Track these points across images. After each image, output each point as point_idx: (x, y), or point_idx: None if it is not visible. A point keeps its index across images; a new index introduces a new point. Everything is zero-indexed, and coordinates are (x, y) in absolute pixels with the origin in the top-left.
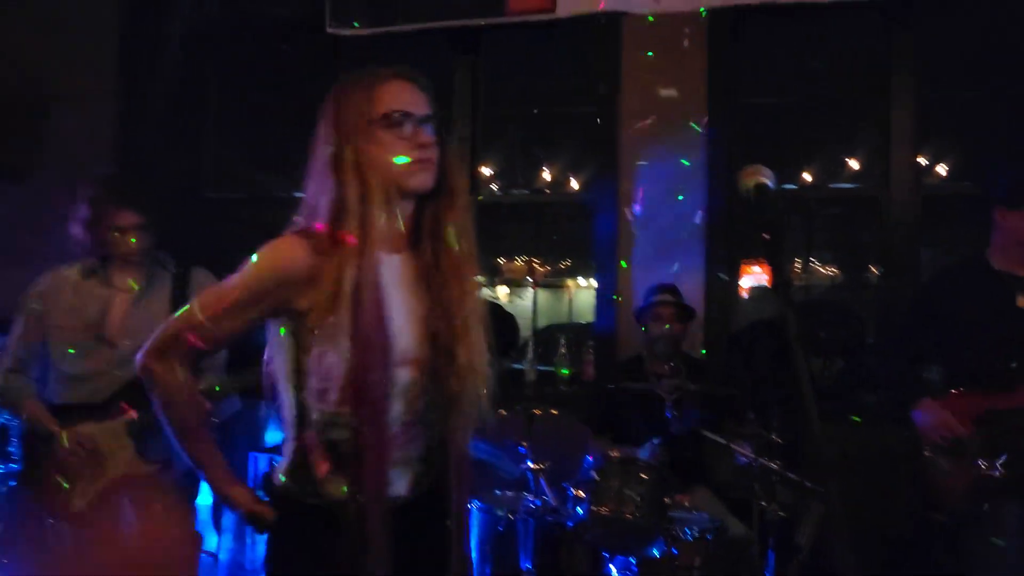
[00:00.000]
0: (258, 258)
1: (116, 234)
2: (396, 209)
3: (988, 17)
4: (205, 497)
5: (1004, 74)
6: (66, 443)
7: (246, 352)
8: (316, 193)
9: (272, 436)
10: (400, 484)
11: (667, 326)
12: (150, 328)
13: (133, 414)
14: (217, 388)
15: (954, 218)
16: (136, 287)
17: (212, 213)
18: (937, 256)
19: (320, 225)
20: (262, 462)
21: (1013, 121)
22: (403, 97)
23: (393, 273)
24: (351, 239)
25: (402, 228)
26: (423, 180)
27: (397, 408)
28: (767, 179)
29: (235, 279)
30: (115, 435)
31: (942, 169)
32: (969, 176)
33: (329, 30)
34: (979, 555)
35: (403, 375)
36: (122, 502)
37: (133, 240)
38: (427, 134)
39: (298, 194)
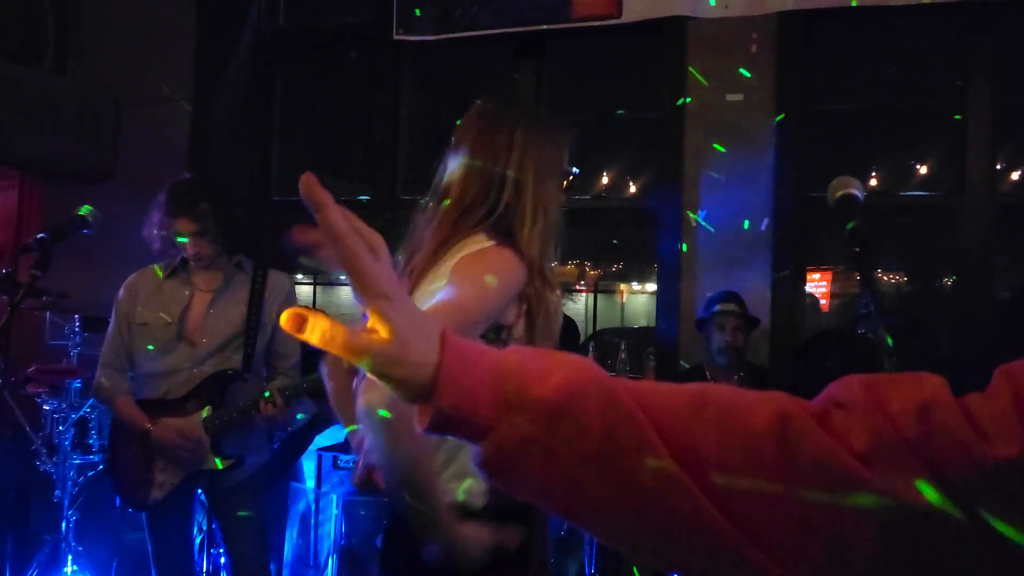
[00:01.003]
0: (493, 273)
1: (179, 240)
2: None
3: None
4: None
5: None
6: (158, 438)
7: (310, 355)
8: (483, 203)
9: (325, 436)
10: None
11: (729, 336)
12: (226, 328)
13: (209, 410)
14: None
15: None
16: (215, 288)
17: (280, 216)
18: (1011, 265)
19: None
20: (326, 460)
21: None
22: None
23: None
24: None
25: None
26: None
27: None
28: (856, 190)
29: (470, 296)
30: (191, 431)
31: (1016, 176)
32: None
33: (396, 37)
34: None
35: None
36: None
37: (194, 245)
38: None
39: (363, 197)
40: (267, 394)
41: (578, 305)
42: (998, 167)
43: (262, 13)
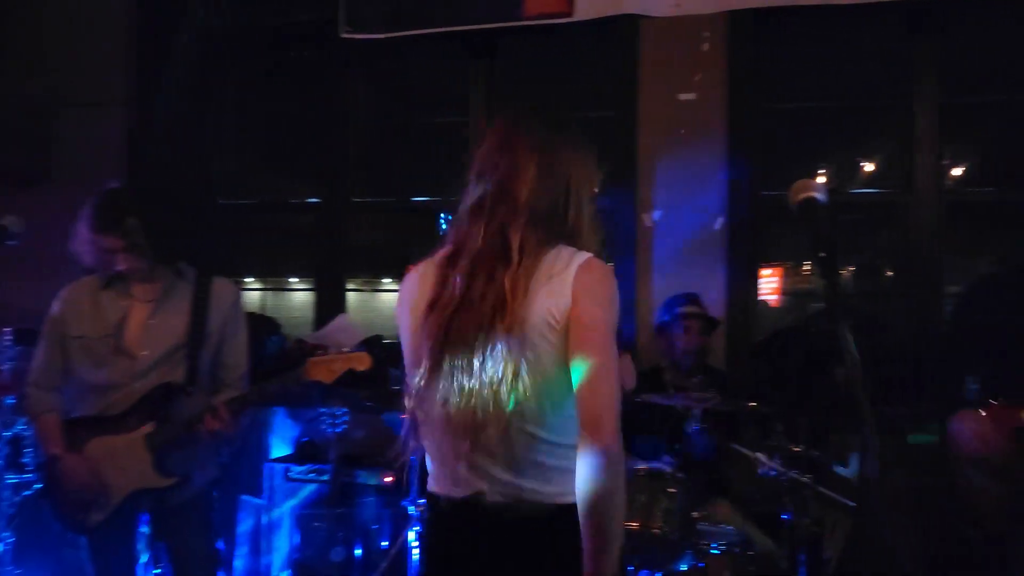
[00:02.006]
0: (614, 288)
1: (107, 255)
2: None
3: (1009, 23)
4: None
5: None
6: (64, 465)
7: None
8: (556, 215)
9: (280, 446)
10: None
11: (694, 339)
12: (167, 339)
13: (151, 427)
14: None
15: (976, 223)
16: (154, 298)
17: (226, 220)
18: (958, 261)
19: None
20: (277, 472)
21: None
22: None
23: None
24: None
25: None
26: None
27: None
28: (818, 194)
29: (606, 314)
30: (133, 448)
31: (969, 176)
32: (991, 181)
33: (343, 35)
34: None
35: None
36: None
37: (124, 261)
38: None
39: (313, 200)
40: (213, 407)
41: None
42: (944, 163)
43: (204, 11)
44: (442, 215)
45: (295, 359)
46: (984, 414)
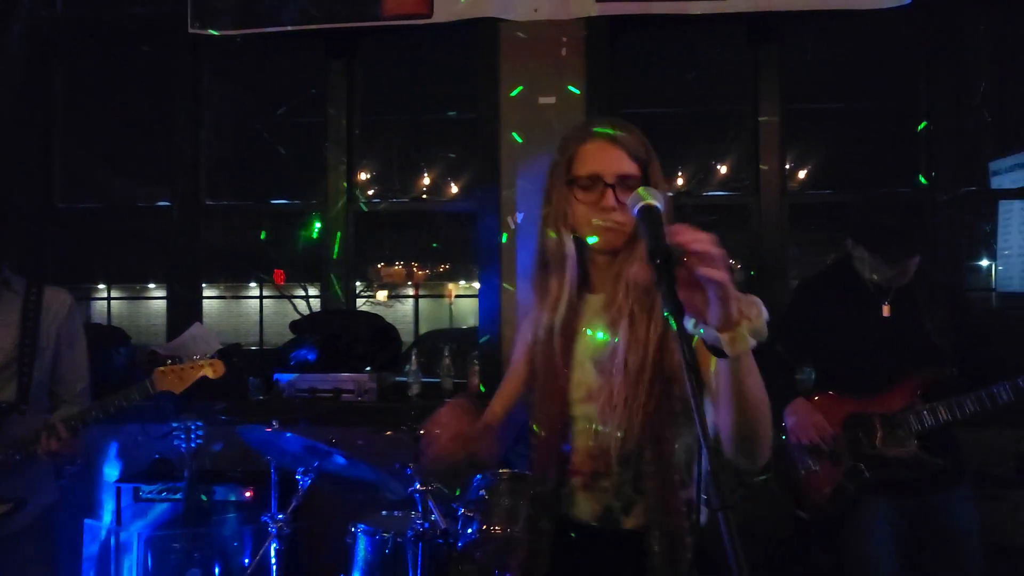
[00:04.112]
0: None
1: None
2: (590, 260)
3: (845, 35)
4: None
5: (860, 89)
6: None
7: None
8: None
9: (113, 469)
10: None
11: None
12: None
13: None
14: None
15: (819, 222)
16: None
17: (64, 224)
18: (802, 256)
19: None
20: (126, 492)
21: (868, 134)
22: (598, 158)
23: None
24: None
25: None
26: (607, 241)
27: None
28: (656, 201)
29: None
30: None
31: (803, 174)
32: (831, 184)
33: (191, 30)
34: (852, 552)
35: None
36: None
37: None
38: (611, 199)
39: (163, 203)
40: (50, 426)
41: (406, 306)
42: (788, 167)
43: (31, 1)
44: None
45: (146, 371)
46: (816, 402)
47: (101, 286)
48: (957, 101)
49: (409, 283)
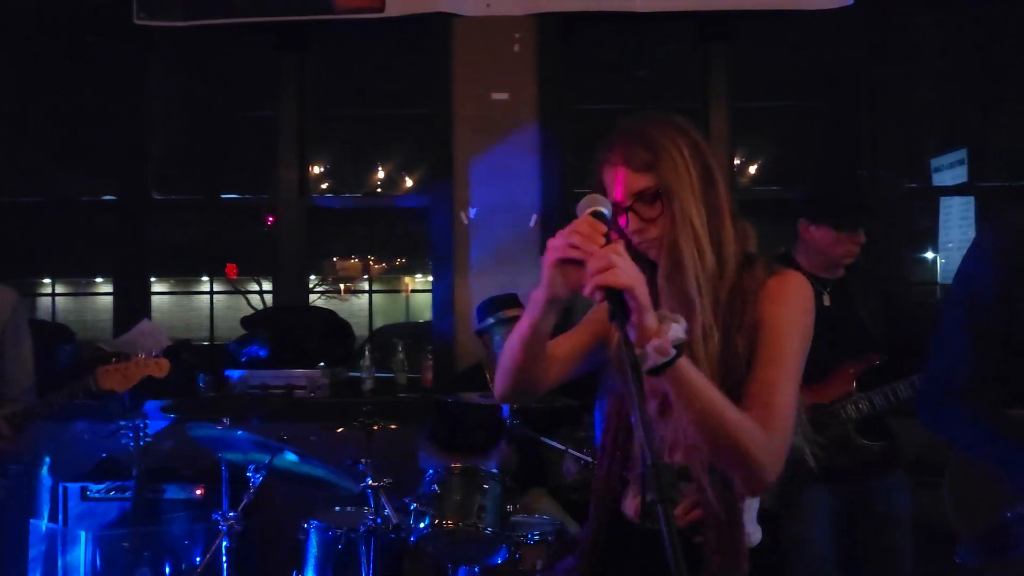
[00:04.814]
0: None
1: None
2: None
3: (794, 35)
4: None
5: (809, 88)
6: None
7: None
8: None
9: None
10: None
11: None
12: None
13: None
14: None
15: (767, 218)
16: None
17: (5, 219)
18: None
19: None
20: (72, 492)
21: (816, 132)
22: (610, 185)
23: None
24: None
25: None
26: (654, 257)
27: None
28: (603, 207)
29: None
30: None
31: (753, 170)
32: (779, 181)
33: (137, 21)
34: (788, 534)
35: None
36: None
37: None
38: (634, 223)
39: (108, 197)
40: None
41: (361, 300)
42: (737, 162)
43: None
44: None
45: (90, 368)
46: None
47: (46, 280)
48: (900, 99)
49: (365, 277)
